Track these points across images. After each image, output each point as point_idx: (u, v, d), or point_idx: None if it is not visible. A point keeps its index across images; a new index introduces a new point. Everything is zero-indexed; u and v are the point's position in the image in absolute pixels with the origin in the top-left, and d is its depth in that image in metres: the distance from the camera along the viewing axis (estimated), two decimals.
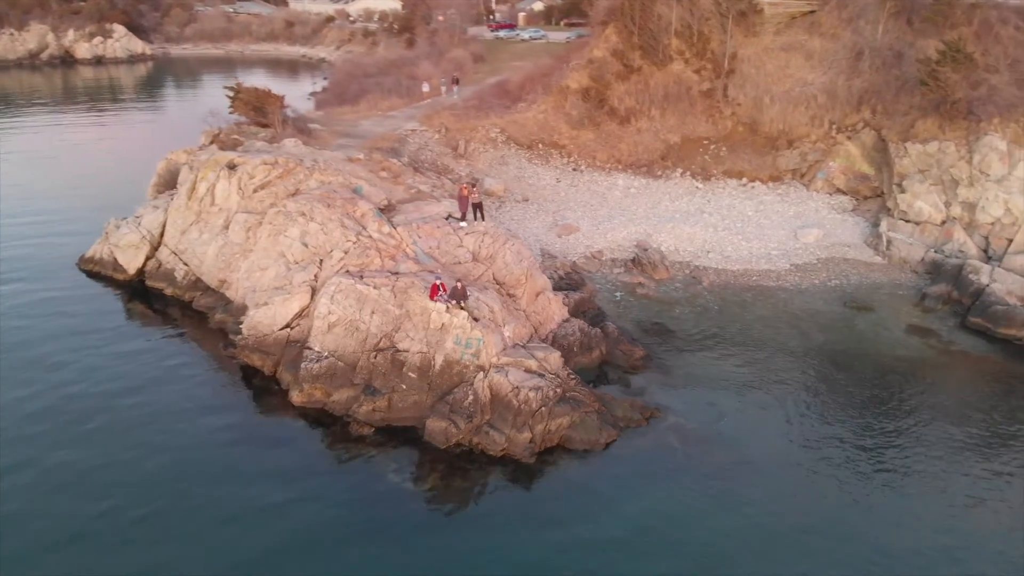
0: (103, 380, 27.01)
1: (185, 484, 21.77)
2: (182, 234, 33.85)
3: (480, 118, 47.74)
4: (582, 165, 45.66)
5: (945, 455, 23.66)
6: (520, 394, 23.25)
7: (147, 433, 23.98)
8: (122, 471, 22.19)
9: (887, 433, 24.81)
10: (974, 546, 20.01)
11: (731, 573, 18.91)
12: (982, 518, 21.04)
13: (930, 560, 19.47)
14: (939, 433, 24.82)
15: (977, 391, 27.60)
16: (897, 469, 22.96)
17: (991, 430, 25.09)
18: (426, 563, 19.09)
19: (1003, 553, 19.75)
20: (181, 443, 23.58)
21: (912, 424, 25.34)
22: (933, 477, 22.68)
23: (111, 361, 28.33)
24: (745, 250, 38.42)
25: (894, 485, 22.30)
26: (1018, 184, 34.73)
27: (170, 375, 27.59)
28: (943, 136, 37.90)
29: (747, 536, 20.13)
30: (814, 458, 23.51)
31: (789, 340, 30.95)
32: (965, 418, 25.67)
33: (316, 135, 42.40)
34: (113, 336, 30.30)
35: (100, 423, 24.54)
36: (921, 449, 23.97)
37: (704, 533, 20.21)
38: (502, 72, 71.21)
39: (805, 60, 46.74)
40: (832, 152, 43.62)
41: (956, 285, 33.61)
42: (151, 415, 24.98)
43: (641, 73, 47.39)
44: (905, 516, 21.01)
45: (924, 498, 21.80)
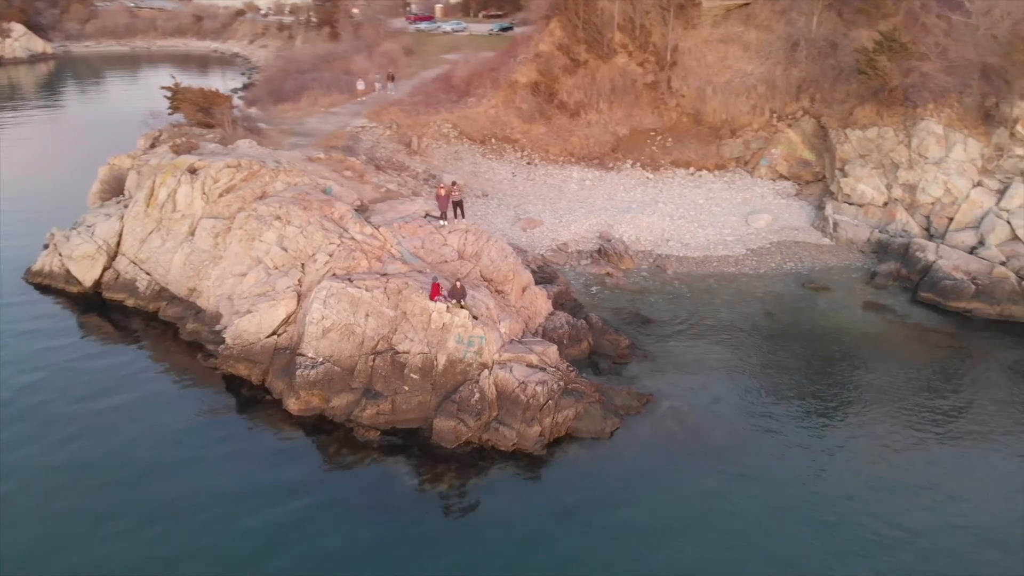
0: (78, 400, 25.80)
1: (190, 503, 21.12)
2: (142, 243, 32.47)
3: (430, 114, 47.48)
4: (536, 159, 46.07)
5: (920, 420, 25.28)
6: (527, 389, 23.52)
7: (138, 454, 23.09)
8: (119, 497, 21.26)
9: (863, 403, 26.32)
10: (984, 510, 21.54)
11: (752, 551, 19.71)
12: (983, 482, 22.63)
13: (917, 517, 20.85)
14: (909, 401, 26.48)
15: (937, 361, 29.49)
16: (877, 435, 24.42)
17: (955, 395, 26.94)
18: (455, 564, 19.16)
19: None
20: (177, 461, 22.83)
21: (883, 394, 26.92)
22: (907, 438, 24.23)
23: (83, 379, 27.05)
24: (702, 237, 39.68)
25: (876, 449, 23.75)
26: (955, 165, 37.13)
27: (150, 390, 26.61)
28: (881, 122, 40.08)
29: (757, 513, 20.98)
30: (804, 432, 24.71)
31: (758, 322, 32.28)
32: (931, 386, 27.48)
33: (265, 134, 41.28)
34: (80, 353, 28.91)
35: (83, 445, 23.49)
36: (896, 415, 25.56)
37: (719, 514, 20.93)
38: (434, 66, 70.89)
39: (743, 51, 48.45)
40: (774, 140, 45.43)
41: (904, 263, 35.72)
42: (138, 435, 24.07)
43: (587, 67, 48.11)
44: (895, 476, 22.40)
45: (902, 457, 23.27)
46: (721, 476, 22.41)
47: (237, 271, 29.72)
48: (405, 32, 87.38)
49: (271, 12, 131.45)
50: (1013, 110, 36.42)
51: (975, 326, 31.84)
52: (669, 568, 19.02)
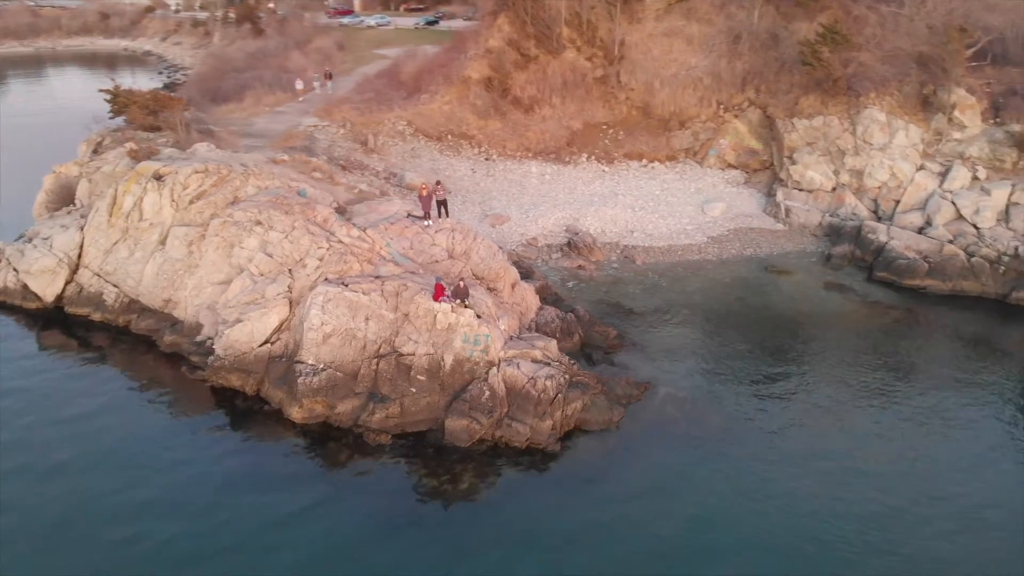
0: (61, 423, 24.60)
1: (203, 521, 20.50)
2: (106, 254, 31.08)
3: (383, 111, 46.95)
4: (493, 154, 46.21)
5: (895, 390, 26.91)
6: (537, 384, 23.80)
7: (138, 475, 22.19)
8: (126, 523, 20.39)
9: (839, 378, 27.85)
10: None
11: (779, 532, 20.57)
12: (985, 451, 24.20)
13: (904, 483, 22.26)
14: (882, 373, 28.22)
15: (901, 336, 31.33)
16: (859, 406, 25.91)
17: (924, 364, 28.79)
18: (488, 566, 19.26)
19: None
20: (180, 481, 22.01)
21: (856, 367, 28.63)
22: (883, 406, 25.76)
23: (63, 400, 25.80)
24: (664, 227, 40.75)
25: (860, 419, 25.25)
26: (899, 150, 39.30)
27: (137, 408, 25.66)
28: (826, 111, 42.01)
29: (770, 493, 21.87)
30: (793, 410, 25.92)
31: (732, 307, 33.51)
32: (900, 359, 29.34)
33: (218, 137, 39.98)
34: (55, 372, 27.56)
35: (77, 470, 22.42)
36: (873, 385, 27.27)
37: (738, 498, 21.59)
38: (369, 62, 69.98)
39: (686, 45, 49.78)
40: (721, 130, 46.94)
41: (857, 244, 37.64)
42: (135, 455, 23.14)
43: (538, 62, 48.51)
44: (888, 443, 23.80)
45: (880, 422, 24.73)
46: (728, 460, 23.18)
47: (216, 279, 28.88)
48: (332, 27, 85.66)
49: (181, 8, 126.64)
50: (951, 97, 38.83)
51: (930, 301, 33.91)
52: (707, 553, 19.65)
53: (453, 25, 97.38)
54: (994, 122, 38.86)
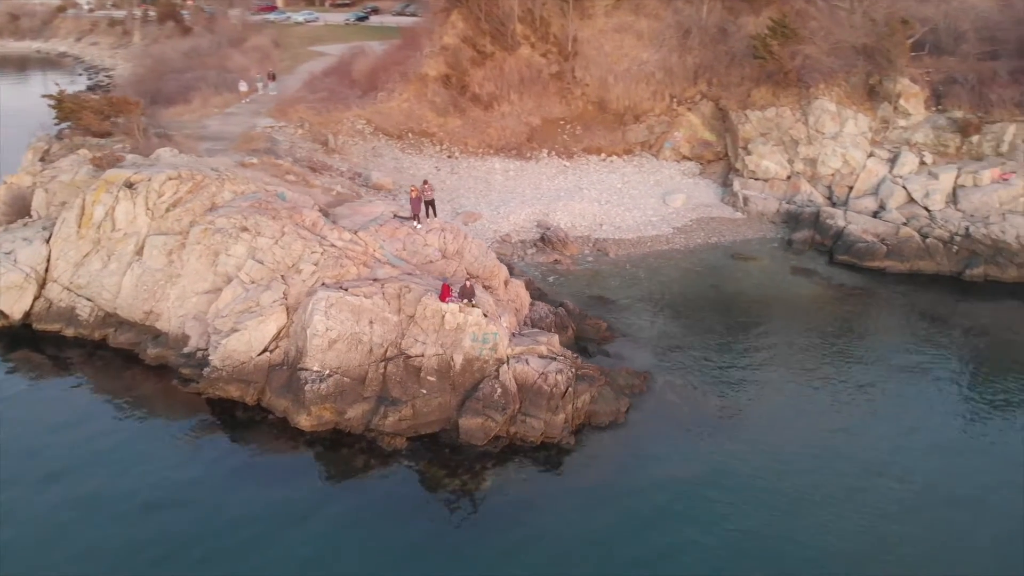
0: (55, 446, 23.41)
1: (223, 536, 20.00)
2: (77, 267, 29.80)
3: (340, 110, 46.33)
4: (455, 152, 46.21)
5: (872, 364, 28.54)
6: (548, 378, 24.14)
7: (143, 495, 21.20)
8: (140, 552, 19.59)
9: (820, 356, 29.42)
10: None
11: (803, 513, 21.49)
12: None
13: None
14: (857, 348, 30.06)
15: (868, 314, 33.19)
16: (845, 380, 27.28)
17: (893, 340, 30.60)
18: (518, 563, 19.54)
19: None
20: (193, 501, 21.15)
21: (834, 345, 30.32)
22: (864, 379, 27.26)
23: (52, 422, 24.64)
24: (630, 220, 41.64)
25: (848, 393, 26.55)
26: (850, 139, 41.22)
27: (132, 426, 24.69)
28: (778, 102, 43.68)
29: (782, 472, 22.78)
30: (785, 390, 27.08)
31: (708, 294, 34.66)
32: (871, 336, 31.19)
33: (175, 141, 38.70)
34: (39, 393, 26.38)
35: (78, 495, 21.38)
36: (854, 360, 28.93)
37: (752, 481, 22.29)
38: (308, 60, 68.93)
39: (637, 40, 50.84)
40: (676, 123, 48.16)
41: (817, 229, 39.35)
42: (138, 480, 21.89)
43: (494, 59, 48.68)
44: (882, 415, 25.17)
45: (878, 396, 26.16)
46: (736, 443, 23.95)
47: (200, 288, 28.10)
48: (264, 25, 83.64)
49: (94, 7, 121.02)
50: (896, 86, 40.93)
51: (891, 281, 35.81)
52: (739, 538, 20.35)
53: (386, 21, 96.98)
54: (936, 109, 41.20)
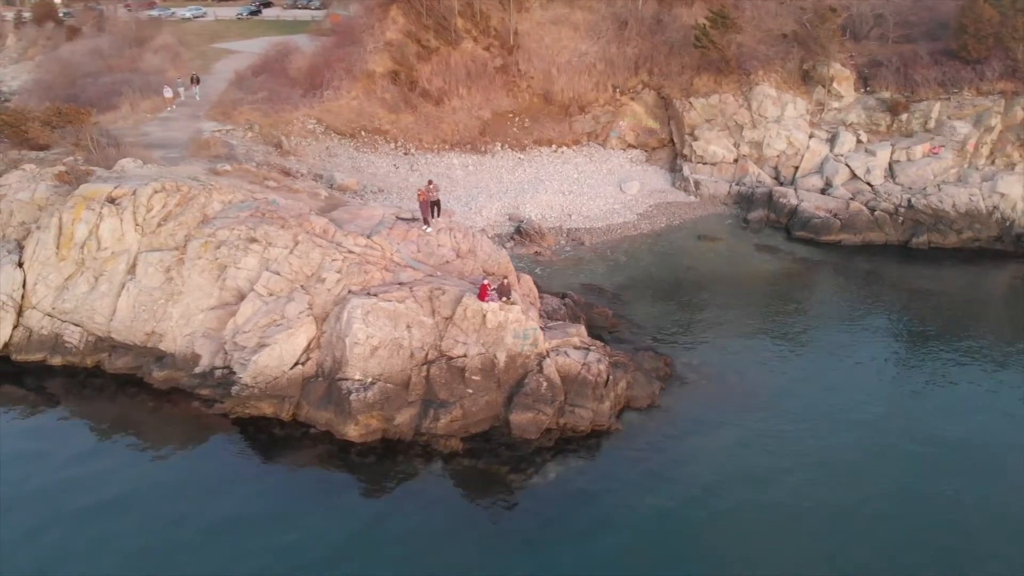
0: (79, 486, 21.81)
1: (309, 559, 19.60)
2: (60, 291, 27.79)
3: (288, 110, 44.81)
4: (411, 149, 45.74)
5: (852, 327, 31.48)
6: (591, 368, 24.81)
7: (204, 536, 20.15)
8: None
9: (808, 324, 32.18)
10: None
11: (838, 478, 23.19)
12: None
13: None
14: (834, 315, 32.80)
15: (834, 283, 36.20)
16: (837, 345, 29.64)
17: (862, 306, 33.51)
18: (609, 542, 20.27)
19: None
20: (259, 529, 20.42)
21: (815, 312, 33.35)
22: (848, 344, 29.76)
23: (71, 458, 23.10)
24: (596, 209, 42.77)
25: (844, 356, 29.05)
26: (792, 122, 43.90)
27: (162, 456, 23.34)
28: (720, 89, 45.83)
29: (807, 431, 24.52)
30: (789, 360, 29.09)
31: (686, 275, 36.37)
32: (842, 302, 34.11)
33: (128, 150, 36.46)
34: (46, 427, 24.52)
35: (123, 537, 20.21)
36: (835, 329, 31.48)
37: (786, 441, 24.09)
38: (218, 59, 65.86)
39: (573, 32, 51.82)
40: (620, 112, 49.53)
41: (771, 209, 41.79)
42: (188, 511, 20.90)
43: (440, 53, 48.41)
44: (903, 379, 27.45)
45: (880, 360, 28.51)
46: (762, 411, 25.62)
47: (206, 305, 26.93)
48: (155, 23, 78.99)
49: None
50: (829, 71, 43.89)
51: (846, 252, 38.74)
52: (790, 494, 21.82)
53: (282, 16, 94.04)
54: (865, 91, 44.50)
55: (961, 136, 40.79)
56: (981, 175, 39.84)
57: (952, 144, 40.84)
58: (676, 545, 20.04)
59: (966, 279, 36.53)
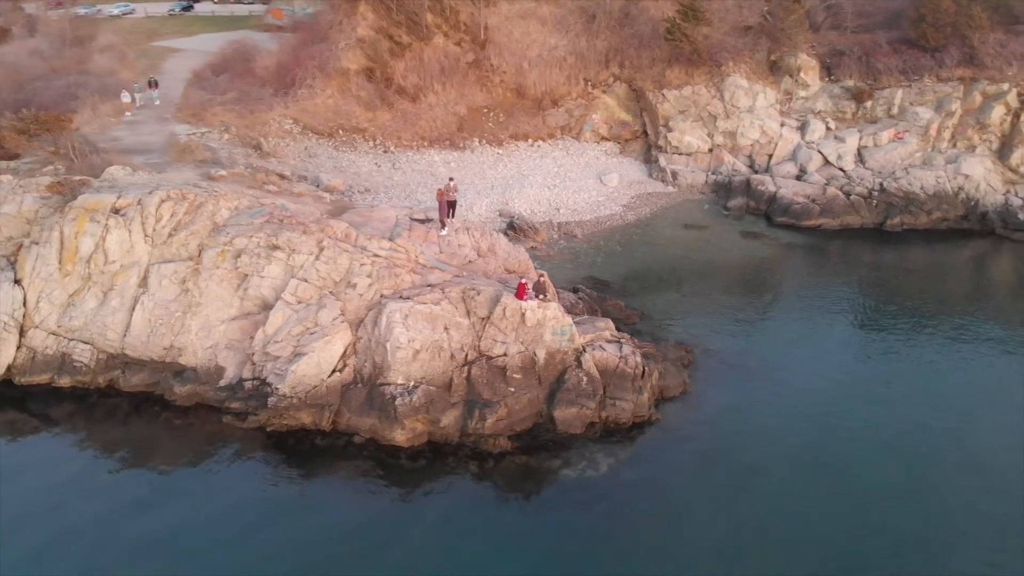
0: (125, 517, 20.87)
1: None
2: (66, 308, 26.56)
3: (262, 111, 43.68)
4: (390, 146, 45.25)
5: (845, 308, 33.08)
6: (628, 361, 25.29)
7: (281, 552, 19.64)
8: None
9: (805, 305, 33.52)
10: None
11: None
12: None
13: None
14: (827, 296, 34.25)
15: (821, 266, 37.63)
16: (842, 325, 31.33)
17: (850, 287, 35.24)
18: (678, 528, 20.85)
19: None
20: (329, 547, 20.00)
21: (811, 294, 34.63)
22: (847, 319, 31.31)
23: (106, 487, 22.07)
24: (582, 202, 43.31)
25: (844, 330, 31.00)
26: (764, 111, 45.33)
27: (201, 476, 22.32)
28: (692, 81, 46.90)
29: (834, 408, 25.76)
30: (802, 338, 30.68)
31: (683, 263, 37.42)
32: (833, 284, 35.59)
33: (109, 157, 34.98)
34: (60, 456, 23.29)
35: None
36: (833, 310, 33.10)
37: (820, 416, 25.29)
38: (163, 59, 63.53)
39: (541, 26, 52.12)
40: (592, 106, 50.11)
41: (749, 196, 43.11)
42: (252, 535, 20.23)
43: (413, 49, 47.94)
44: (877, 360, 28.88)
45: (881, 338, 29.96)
46: (787, 390, 26.77)
47: (227, 315, 26.23)
48: (93, 21, 75.50)
49: None
50: (796, 61, 45.45)
51: (827, 236, 40.46)
52: (834, 467, 22.86)
53: (217, 11, 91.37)
54: (830, 80, 46.27)
55: (924, 121, 42.95)
56: (945, 158, 42.08)
57: (916, 129, 42.97)
58: (734, 527, 20.65)
59: (939, 257, 38.76)
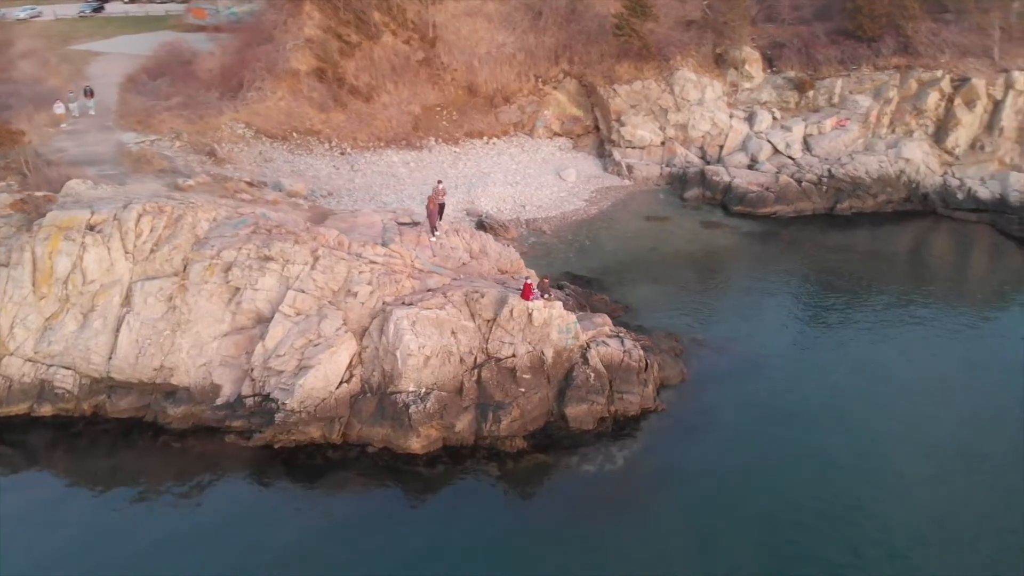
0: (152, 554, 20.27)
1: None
2: (43, 332, 25.14)
3: (212, 115, 42.14)
4: (346, 148, 44.40)
5: (816, 293, 34.39)
6: (632, 355, 25.80)
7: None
8: None
9: (770, 290, 34.90)
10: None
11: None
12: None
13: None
14: (798, 279, 36.30)
15: (781, 251, 39.07)
16: (796, 306, 32.52)
17: (810, 269, 37.00)
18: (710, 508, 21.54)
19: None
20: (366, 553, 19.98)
21: (777, 280, 36.11)
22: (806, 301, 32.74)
23: (111, 525, 21.21)
24: (546, 198, 43.62)
25: (803, 314, 31.93)
26: (713, 103, 46.62)
27: (220, 502, 21.76)
28: (642, 76, 47.78)
29: (822, 384, 27.17)
30: (781, 323, 31.97)
31: (652, 255, 38.26)
32: (794, 268, 37.18)
33: (62, 170, 33.16)
34: (61, 493, 22.18)
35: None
36: (801, 292, 34.92)
37: (811, 393, 26.66)
38: (85, 64, 60.46)
39: (488, 23, 52.06)
40: (544, 102, 50.38)
41: (705, 187, 44.33)
42: (285, 552, 19.98)
43: (363, 48, 47.10)
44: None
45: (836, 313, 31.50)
46: (778, 371, 27.95)
47: (219, 331, 25.41)
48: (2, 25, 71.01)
49: None
50: (741, 54, 46.93)
51: (783, 223, 42.00)
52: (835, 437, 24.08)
53: (130, 11, 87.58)
54: (772, 71, 47.98)
55: (864, 109, 45.11)
56: (886, 143, 44.34)
57: (857, 116, 45.08)
58: (768, 508, 21.44)
59: (885, 238, 40.94)
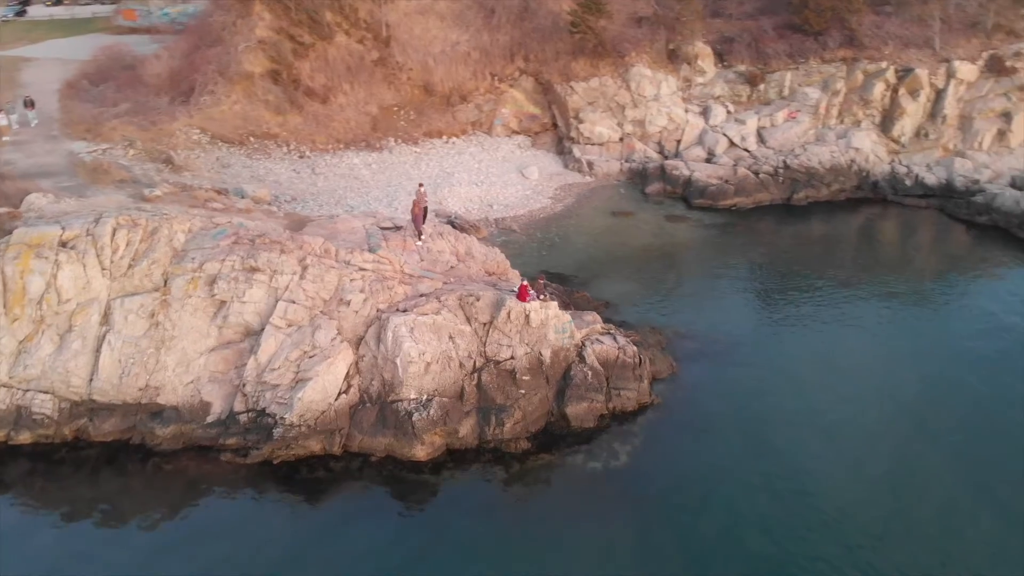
0: None
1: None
2: (17, 356, 23.90)
3: (165, 121, 40.70)
4: (305, 151, 43.50)
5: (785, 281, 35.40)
6: (626, 352, 26.10)
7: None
8: None
9: (742, 280, 35.92)
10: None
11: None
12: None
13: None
14: (764, 268, 37.09)
15: (748, 241, 39.97)
16: (768, 295, 33.43)
17: (773, 258, 38.04)
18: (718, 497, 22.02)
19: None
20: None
21: (748, 269, 37.04)
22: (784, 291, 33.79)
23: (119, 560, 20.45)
24: (511, 196, 43.65)
25: (785, 300, 32.84)
26: (669, 98, 47.37)
27: (226, 525, 21.09)
28: (599, 72, 48.22)
29: (806, 368, 28.12)
30: (757, 311, 32.92)
31: (621, 250, 38.64)
32: (761, 256, 38.34)
33: (15, 184, 31.58)
34: (53, 529, 21.14)
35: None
36: (770, 280, 35.72)
37: (796, 378, 27.51)
38: (15, 70, 57.64)
39: (440, 21, 51.66)
40: (501, 100, 50.33)
41: (666, 181, 45.08)
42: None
43: (316, 49, 46.12)
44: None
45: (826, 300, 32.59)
46: (765, 358, 28.75)
47: (205, 347, 24.64)
48: None
49: None
50: (693, 49, 47.83)
51: (743, 214, 43.02)
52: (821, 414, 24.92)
53: (55, 14, 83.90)
54: (723, 66, 49.04)
55: (813, 101, 46.57)
56: (835, 133, 45.88)
57: (807, 108, 46.52)
58: (775, 493, 22.01)
59: (839, 225, 42.40)
